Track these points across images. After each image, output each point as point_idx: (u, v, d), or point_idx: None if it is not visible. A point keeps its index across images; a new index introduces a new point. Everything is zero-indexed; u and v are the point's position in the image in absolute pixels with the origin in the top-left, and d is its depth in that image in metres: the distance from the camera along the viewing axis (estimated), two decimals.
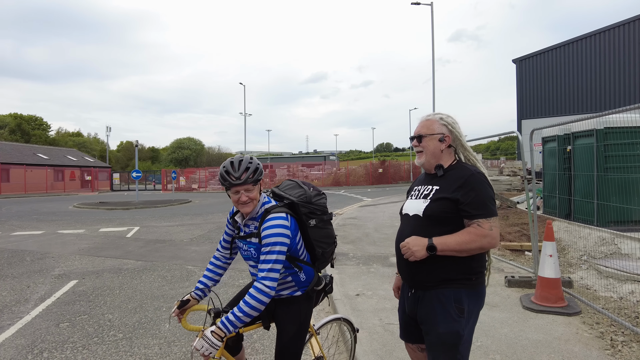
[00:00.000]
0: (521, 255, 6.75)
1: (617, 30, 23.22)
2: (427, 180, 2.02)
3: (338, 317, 2.79)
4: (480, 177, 1.86)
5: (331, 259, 2.37)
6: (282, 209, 2.03)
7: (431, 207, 1.86)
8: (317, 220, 2.16)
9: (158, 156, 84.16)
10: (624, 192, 6.40)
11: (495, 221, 1.81)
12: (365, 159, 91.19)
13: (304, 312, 2.18)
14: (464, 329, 1.83)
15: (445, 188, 1.87)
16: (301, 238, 2.12)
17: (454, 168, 1.95)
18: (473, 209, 1.79)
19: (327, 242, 2.24)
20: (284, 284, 2.13)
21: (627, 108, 3.54)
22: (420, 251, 1.78)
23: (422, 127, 2.02)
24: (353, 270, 5.97)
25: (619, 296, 4.33)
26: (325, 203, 2.29)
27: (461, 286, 1.84)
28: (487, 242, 1.77)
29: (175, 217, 14.44)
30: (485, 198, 1.82)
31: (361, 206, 16.44)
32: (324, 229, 2.23)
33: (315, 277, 2.21)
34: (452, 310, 1.82)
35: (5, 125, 58.18)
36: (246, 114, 38.68)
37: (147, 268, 6.68)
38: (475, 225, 1.78)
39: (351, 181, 35.44)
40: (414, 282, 1.95)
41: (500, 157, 57.21)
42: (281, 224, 1.94)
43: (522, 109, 27.56)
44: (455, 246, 1.77)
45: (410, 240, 1.82)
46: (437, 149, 1.97)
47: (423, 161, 2.01)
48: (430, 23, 21.87)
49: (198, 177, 39.58)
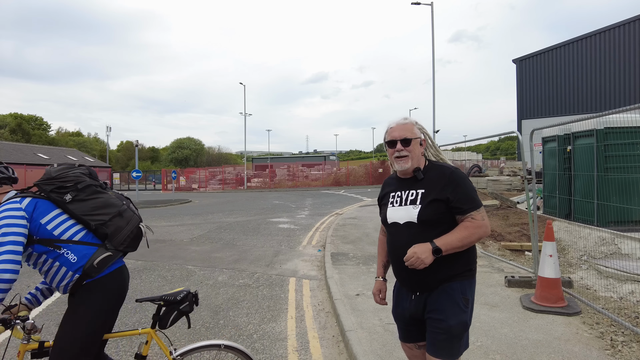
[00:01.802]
0: (521, 255, 6.74)
1: (617, 30, 23.22)
2: (404, 184, 2.00)
3: (217, 343, 2.16)
4: (459, 173, 1.93)
5: (131, 235, 2.11)
6: (16, 197, 1.97)
7: (425, 212, 1.88)
8: (73, 193, 2.02)
9: (158, 156, 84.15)
10: (624, 192, 6.40)
11: (483, 211, 1.89)
12: (365, 159, 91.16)
13: (86, 305, 1.96)
14: (470, 318, 1.93)
15: (431, 190, 1.90)
16: (65, 216, 2.01)
17: (429, 169, 1.99)
18: (464, 204, 1.86)
19: (102, 213, 2.05)
20: (51, 272, 1.98)
21: (627, 108, 3.54)
22: (428, 257, 1.80)
23: (404, 130, 1.98)
24: (353, 270, 5.98)
25: (619, 296, 4.33)
26: (80, 174, 2.10)
27: (464, 278, 1.93)
28: (483, 232, 1.86)
29: (175, 217, 14.44)
30: (471, 191, 1.90)
31: (361, 206, 16.44)
32: (91, 200, 2.06)
33: (98, 254, 1.99)
34: (460, 302, 1.89)
35: (6, 125, 58.16)
36: (246, 113, 38.62)
37: (147, 268, 6.68)
38: (469, 219, 1.85)
39: (351, 181, 35.44)
40: (420, 286, 1.96)
41: (500, 157, 57.26)
42: (5, 209, 1.88)
43: (522, 109, 27.57)
44: (458, 243, 1.83)
45: (416, 249, 1.81)
46: (419, 152, 2.00)
47: (408, 166, 1.95)
48: (431, 23, 21.87)
49: (198, 177, 39.59)
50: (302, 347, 3.66)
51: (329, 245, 7.86)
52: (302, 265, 6.73)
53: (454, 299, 1.88)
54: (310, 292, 5.28)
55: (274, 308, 4.69)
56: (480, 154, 68.36)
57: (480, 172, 26.56)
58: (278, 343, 3.74)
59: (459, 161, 33.62)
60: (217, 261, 7.10)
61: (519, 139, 5.53)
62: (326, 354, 3.51)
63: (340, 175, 36.71)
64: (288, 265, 6.73)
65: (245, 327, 4.13)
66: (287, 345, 3.69)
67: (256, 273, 6.27)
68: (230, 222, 12.52)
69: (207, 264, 6.92)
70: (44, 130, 66.25)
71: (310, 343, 3.73)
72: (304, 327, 4.13)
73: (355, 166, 39.91)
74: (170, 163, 71.31)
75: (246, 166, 39.78)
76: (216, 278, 6.00)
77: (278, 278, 5.98)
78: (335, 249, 7.57)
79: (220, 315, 4.45)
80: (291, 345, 3.69)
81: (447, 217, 1.89)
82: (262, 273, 6.27)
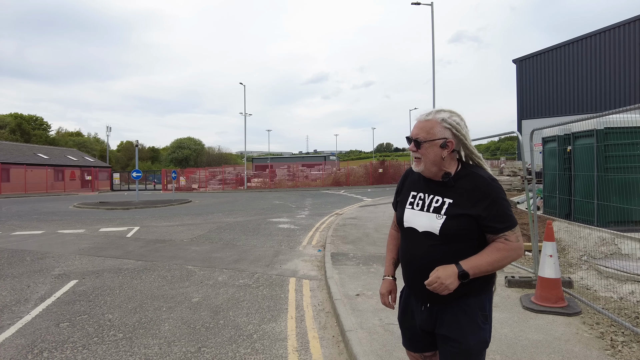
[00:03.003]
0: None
1: (617, 30, 23.21)
2: (430, 187, 1.78)
3: None
4: (496, 185, 1.68)
5: None
6: None
7: (450, 226, 1.66)
8: None
9: (158, 156, 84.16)
10: (624, 192, 6.40)
11: (518, 230, 1.66)
12: (365, 159, 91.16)
13: None
14: (489, 335, 1.76)
15: (461, 202, 1.68)
16: None
17: (462, 176, 1.73)
18: (498, 223, 1.63)
19: None
20: None
21: (627, 108, 3.54)
22: (453, 283, 1.61)
23: (421, 129, 1.74)
24: (353, 270, 5.97)
25: (619, 296, 4.33)
26: None
27: (483, 292, 1.74)
28: (516, 255, 1.65)
29: (175, 217, 14.44)
30: (507, 209, 1.65)
31: (361, 206, 16.44)
32: None
33: None
34: (479, 319, 1.71)
35: (6, 125, 58.15)
36: (246, 114, 38.61)
37: (147, 268, 6.68)
38: (502, 240, 1.64)
39: (351, 181, 35.43)
40: (432, 298, 1.76)
41: (500, 157, 57.30)
42: None
43: (522, 109, 27.55)
44: (488, 267, 1.63)
45: (440, 274, 1.62)
46: (437, 156, 1.71)
47: (422, 169, 1.77)
48: (431, 24, 21.88)
49: (198, 177, 39.58)
50: (302, 347, 3.66)
51: (329, 246, 7.86)
52: (302, 266, 6.73)
53: (471, 317, 1.70)
54: (310, 292, 5.28)
55: (274, 308, 4.69)
56: (480, 154, 67.94)
57: None
58: (278, 343, 3.74)
59: None
60: (217, 261, 7.10)
61: (519, 139, 5.53)
62: (326, 354, 3.51)
63: (340, 175, 36.70)
64: (288, 266, 6.73)
65: (245, 327, 4.13)
66: (287, 345, 3.69)
67: (256, 273, 6.27)
68: (230, 222, 12.51)
69: (207, 264, 6.92)
70: (44, 130, 66.25)
71: (310, 343, 3.73)
72: (304, 327, 4.12)
73: (355, 166, 39.91)
74: (170, 163, 71.33)
75: (246, 166, 39.76)
76: (216, 278, 6.00)
77: (278, 278, 5.98)
78: (336, 249, 7.57)
79: (220, 315, 4.45)
80: (291, 345, 3.69)
81: (474, 233, 1.67)
82: (262, 273, 6.27)
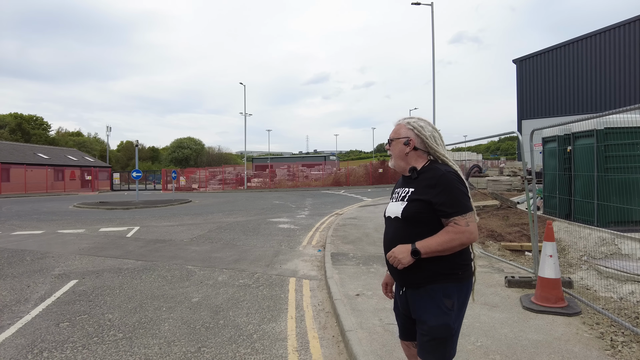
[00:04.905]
0: (521, 256, 6.74)
1: (617, 30, 23.20)
2: (404, 182, 2.09)
3: None
4: (450, 176, 1.90)
5: None
6: None
7: (407, 209, 1.94)
8: None
9: (158, 156, 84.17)
10: (624, 193, 6.40)
11: (471, 216, 1.87)
12: (366, 159, 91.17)
13: None
14: (454, 322, 1.92)
15: (419, 190, 1.95)
16: None
17: (426, 170, 2.01)
18: (447, 207, 1.85)
19: None
20: None
21: (628, 108, 3.54)
22: (405, 258, 1.86)
23: (393, 131, 2.15)
24: (353, 270, 5.97)
25: (619, 296, 4.33)
26: None
27: (449, 281, 1.92)
28: (466, 238, 1.84)
29: (175, 217, 14.44)
30: (458, 195, 1.87)
31: (361, 206, 16.44)
32: None
33: None
34: (442, 304, 1.89)
35: (6, 124, 58.15)
36: (246, 114, 38.61)
37: (147, 268, 6.68)
38: (452, 224, 1.85)
39: (351, 181, 35.43)
40: (404, 281, 2.02)
41: (500, 157, 57.27)
42: None
43: (522, 109, 27.54)
44: (437, 247, 1.84)
45: (396, 249, 1.91)
46: (401, 152, 2.07)
47: (392, 163, 2.14)
48: (431, 24, 21.87)
49: (198, 177, 39.57)
50: (302, 347, 3.66)
51: (329, 246, 7.86)
52: (302, 266, 6.73)
53: (435, 301, 1.90)
54: (310, 292, 5.28)
55: (274, 308, 4.69)
56: (480, 154, 68.25)
57: (480, 172, 26.57)
58: (278, 343, 3.74)
59: (459, 161, 33.61)
60: (217, 261, 7.10)
61: (519, 139, 5.53)
62: (326, 354, 3.51)
63: (340, 175, 36.70)
64: (288, 266, 6.73)
65: (245, 327, 4.13)
66: (287, 345, 3.69)
67: (256, 273, 6.27)
68: (230, 222, 12.51)
69: (207, 264, 6.92)
70: (44, 130, 66.21)
71: (310, 343, 3.73)
72: (304, 327, 4.12)
73: (355, 166, 39.89)
74: (171, 163, 71.34)
75: (246, 166, 39.76)
76: (216, 278, 6.00)
77: (278, 278, 5.98)
78: (335, 249, 7.57)
79: (220, 315, 4.45)
80: (291, 345, 3.69)
81: (429, 217, 1.90)
82: (262, 273, 6.27)
